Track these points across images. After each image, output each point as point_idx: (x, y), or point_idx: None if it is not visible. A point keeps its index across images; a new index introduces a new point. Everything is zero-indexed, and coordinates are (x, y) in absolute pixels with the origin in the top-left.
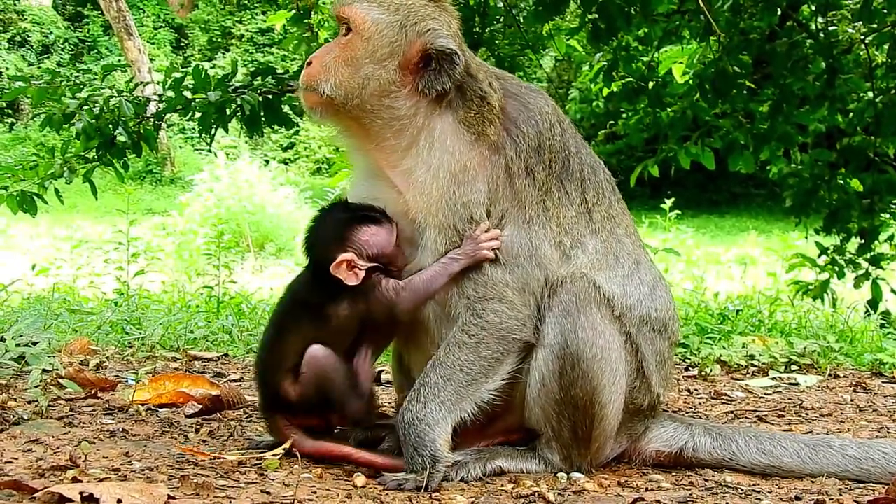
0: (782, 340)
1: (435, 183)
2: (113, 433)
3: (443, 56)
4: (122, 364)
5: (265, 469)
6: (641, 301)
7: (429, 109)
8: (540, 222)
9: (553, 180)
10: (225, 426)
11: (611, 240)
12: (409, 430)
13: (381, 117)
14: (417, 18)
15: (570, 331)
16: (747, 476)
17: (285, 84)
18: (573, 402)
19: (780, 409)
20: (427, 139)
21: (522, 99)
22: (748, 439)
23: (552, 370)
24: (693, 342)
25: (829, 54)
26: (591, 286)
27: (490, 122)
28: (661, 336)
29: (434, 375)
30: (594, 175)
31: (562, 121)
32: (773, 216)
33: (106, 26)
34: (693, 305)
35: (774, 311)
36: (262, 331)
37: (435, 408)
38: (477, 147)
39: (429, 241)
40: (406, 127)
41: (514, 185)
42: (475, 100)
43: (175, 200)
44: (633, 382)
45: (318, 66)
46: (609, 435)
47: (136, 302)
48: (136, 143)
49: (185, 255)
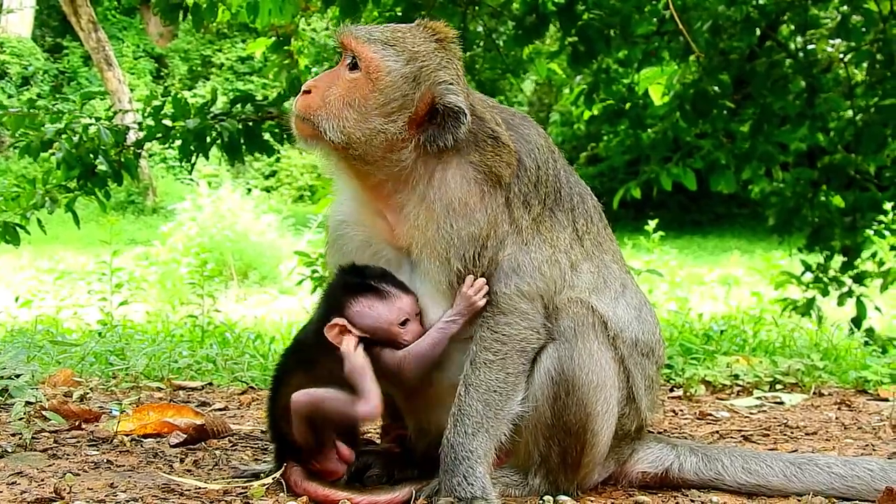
0: (766, 359)
1: (429, 215)
2: (97, 464)
3: (450, 112)
4: (105, 395)
5: (251, 498)
6: (630, 324)
7: (430, 159)
8: (536, 244)
9: (546, 212)
10: (210, 455)
11: (600, 265)
12: (458, 462)
13: (380, 167)
14: (430, 70)
15: (567, 357)
16: (733, 496)
17: (265, 111)
18: (565, 428)
19: (766, 428)
20: (425, 182)
21: (519, 131)
22: (734, 459)
23: (546, 395)
24: (678, 363)
25: (809, 73)
26: (590, 312)
27: (507, 165)
28: (650, 360)
29: (473, 402)
30: (583, 203)
31: (553, 150)
32: (756, 236)
33: (86, 57)
34: (677, 326)
35: (759, 331)
36: (246, 360)
37: (483, 438)
38: (481, 184)
39: (428, 272)
40: (403, 174)
41: (513, 215)
42: (488, 141)
43: (157, 230)
44: (624, 408)
45: (319, 100)
46: (598, 461)
47: (119, 332)
48: (117, 172)
49: (168, 285)
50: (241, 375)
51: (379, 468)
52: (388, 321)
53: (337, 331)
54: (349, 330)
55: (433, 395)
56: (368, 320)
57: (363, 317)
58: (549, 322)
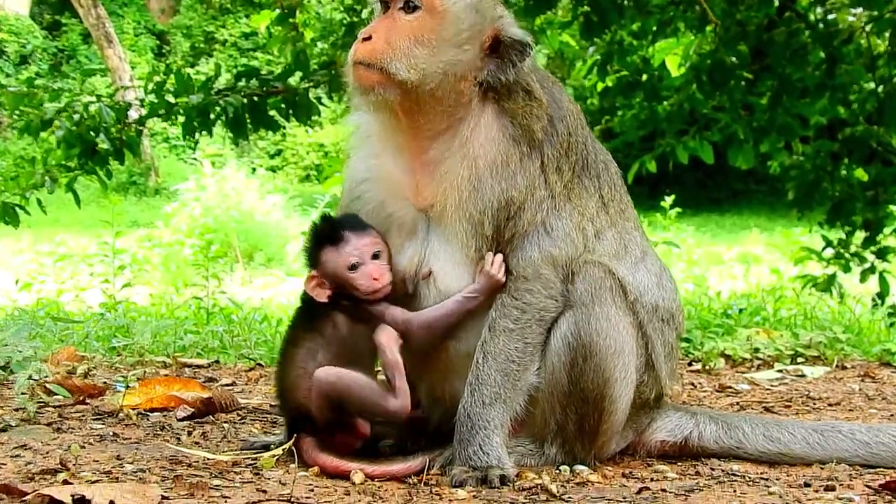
0: (787, 333)
1: (470, 174)
2: (103, 437)
3: (514, 45)
4: (110, 371)
5: (261, 469)
6: (650, 289)
7: (478, 98)
8: (567, 210)
9: (576, 179)
10: (218, 428)
11: (622, 232)
12: (475, 431)
13: (442, 103)
14: (490, 4)
15: (585, 321)
16: (755, 464)
17: (270, 86)
18: (582, 396)
19: (787, 399)
20: (469, 127)
21: (553, 95)
22: (755, 426)
23: (563, 361)
24: (696, 336)
25: (829, 43)
26: (608, 275)
27: (538, 119)
28: (669, 326)
29: (491, 371)
30: (607, 171)
31: (582, 118)
32: (776, 213)
33: (85, 34)
34: (695, 305)
35: (779, 308)
36: (253, 338)
37: (500, 408)
38: (518, 143)
39: (455, 235)
40: (455, 112)
41: (549, 180)
42: (521, 93)
43: (160, 211)
44: (642, 376)
45: (383, 44)
46: (616, 430)
47: (122, 313)
48: (119, 150)
49: (172, 267)
50: (249, 353)
51: (392, 438)
52: (337, 266)
53: (313, 283)
54: (323, 282)
55: (447, 362)
56: (328, 269)
57: (325, 266)
58: (566, 289)
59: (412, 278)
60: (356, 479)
